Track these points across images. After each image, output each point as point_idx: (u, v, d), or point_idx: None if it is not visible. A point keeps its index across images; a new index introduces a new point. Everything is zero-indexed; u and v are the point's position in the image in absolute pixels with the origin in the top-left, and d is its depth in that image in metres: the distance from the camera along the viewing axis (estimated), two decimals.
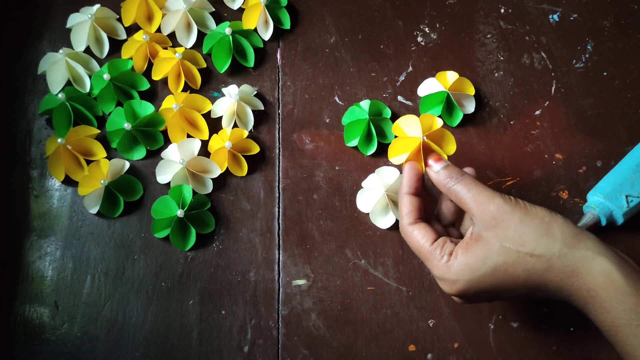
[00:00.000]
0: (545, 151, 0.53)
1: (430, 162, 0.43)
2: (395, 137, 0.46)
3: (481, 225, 0.39)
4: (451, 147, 0.46)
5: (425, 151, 0.44)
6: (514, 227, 0.38)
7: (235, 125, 0.53)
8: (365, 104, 0.52)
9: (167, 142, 0.53)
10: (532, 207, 0.39)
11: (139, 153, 0.53)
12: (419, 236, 0.41)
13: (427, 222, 0.42)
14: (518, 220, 0.38)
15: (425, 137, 0.44)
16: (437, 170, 0.42)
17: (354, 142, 0.53)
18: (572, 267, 0.37)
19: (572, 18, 0.58)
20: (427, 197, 0.45)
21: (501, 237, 0.38)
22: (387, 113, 0.53)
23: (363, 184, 0.51)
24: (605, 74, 0.56)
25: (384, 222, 0.50)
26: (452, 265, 0.39)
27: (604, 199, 0.48)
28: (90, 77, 0.54)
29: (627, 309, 0.35)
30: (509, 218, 0.38)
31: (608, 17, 0.58)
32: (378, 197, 0.49)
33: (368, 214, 0.51)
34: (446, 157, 0.44)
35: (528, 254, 0.37)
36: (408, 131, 0.46)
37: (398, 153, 0.46)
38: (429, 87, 0.54)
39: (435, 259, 0.40)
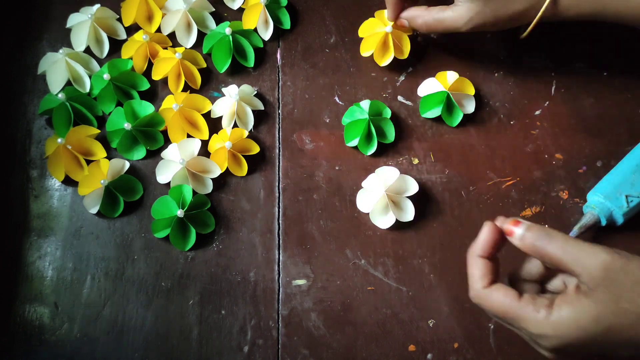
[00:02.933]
0: (545, 151, 0.53)
1: (511, 228, 0.38)
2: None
3: (590, 283, 0.35)
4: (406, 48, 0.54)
5: (386, 44, 0.53)
6: (631, 286, 0.34)
7: (235, 125, 0.53)
8: (365, 104, 0.52)
9: (167, 142, 0.53)
10: None
11: (139, 153, 0.53)
12: (501, 296, 0.36)
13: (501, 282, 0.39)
14: (634, 278, 0.34)
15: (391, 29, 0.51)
16: (520, 236, 0.37)
17: (354, 142, 0.53)
18: None
19: None
20: (497, 257, 0.40)
21: (617, 296, 0.34)
22: (387, 113, 0.53)
23: (363, 184, 0.51)
24: (605, 74, 0.56)
25: (384, 222, 0.50)
26: (555, 320, 0.35)
27: (604, 199, 0.48)
28: (90, 77, 0.54)
29: None
30: (623, 276, 0.34)
31: None
32: (378, 197, 0.49)
33: (368, 214, 0.51)
34: (408, 50, 0.53)
35: None
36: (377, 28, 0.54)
37: (368, 49, 0.55)
38: (429, 87, 0.54)
39: (530, 314, 0.35)
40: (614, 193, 0.48)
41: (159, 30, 0.57)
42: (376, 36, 0.55)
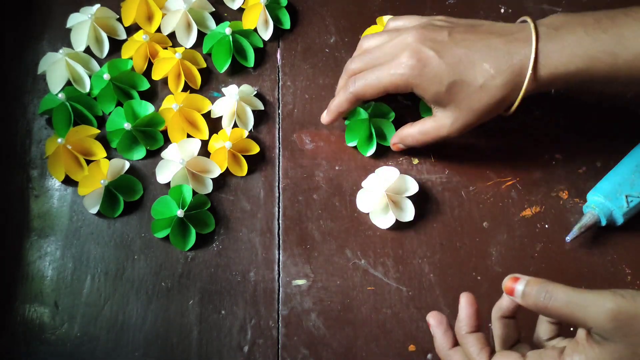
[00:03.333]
0: (545, 151, 0.53)
1: (509, 285, 0.37)
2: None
3: (603, 334, 0.33)
4: None
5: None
6: None
7: (235, 125, 0.53)
8: (367, 105, 0.52)
9: (167, 142, 0.53)
10: None
11: (139, 153, 0.53)
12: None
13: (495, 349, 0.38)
14: None
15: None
16: (520, 295, 0.36)
17: (354, 142, 0.53)
18: None
19: None
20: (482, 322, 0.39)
21: (634, 344, 0.33)
22: (392, 116, 0.53)
23: (363, 184, 0.51)
24: None
25: (384, 222, 0.50)
26: None
27: (604, 199, 0.48)
28: (90, 77, 0.54)
29: None
30: (635, 323, 0.32)
31: None
32: (378, 197, 0.49)
33: (368, 214, 0.51)
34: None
35: None
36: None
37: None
38: None
39: None
40: (614, 193, 0.48)
41: (159, 30, 0.57)
42: None
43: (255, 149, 0.53)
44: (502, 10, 0.59)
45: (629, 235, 0.50)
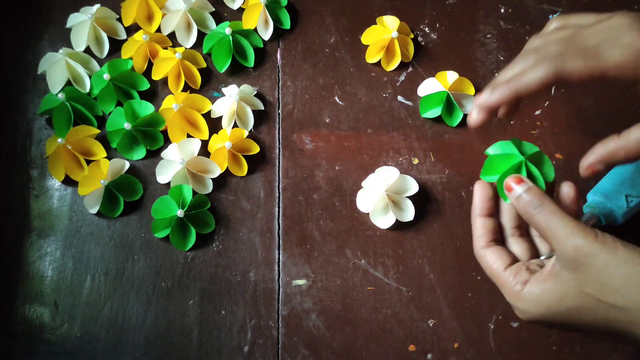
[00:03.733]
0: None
1: (511, 183, 0.38)
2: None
3: (562, 262, 0.35)
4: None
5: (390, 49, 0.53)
6: (596, 274, 0.34)
7: (235, 125, 0.53)
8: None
9: (167, 142, 0.53)
10: (626, 249, 0.34)
11: (139, 153, 0.53)
12: (491, 260, 0.39)
13: (502, 244, 0.40)
14: (602, 265, 0.34)
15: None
16: (517, 196, 0.38)
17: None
18: None
19: None
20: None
21: (581, 281, 0.34)
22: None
23: (363, 184, 0.51)
24: None
25: (384, 222, 0.50)
26: (525, 296, 0.36)
27: (603, 199, 0.48)
28: (90, 77, 0.54)
29: None
30: (590, 261, 0.34)
31: None
32: (378, 197, 0.49)
33: (368, 214, 0.51)
34: (412, 53, 0.53)
35: (609, 304, 0.33)
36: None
37: (374, 55, 0.56)
38: (429, 87, 0.54)
39: (508, 285, 0.37)
40: (614, 193, 0.48)
41: (159, 30, 0.57)
42: (381, 42, 0.55)
43: (255, 149, 0.53)
44: (502, 10, 0.59)
45: (629, 235, 0.49)
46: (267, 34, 0.57)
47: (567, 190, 0.41)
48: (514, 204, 0.38)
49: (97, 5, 0.57)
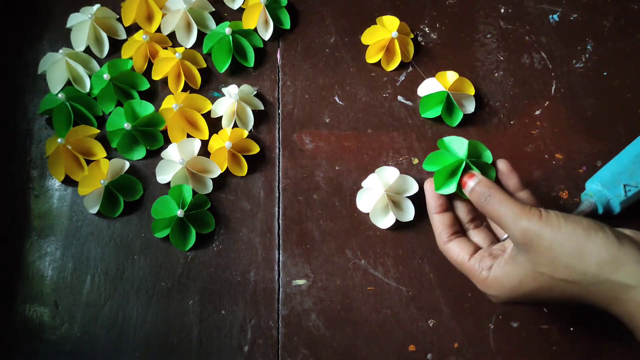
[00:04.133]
0: (545, 151, 0.53)
1: (465, 180, 0.41)
2: None
3: (515, 246, 0.37)
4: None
5: (390, 49, 0.53)
6: (545, 252, 0.35)
7: (235, 125, 0.53)
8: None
9: (167, 142, 0.53)
10: (568, 224, 0.35)
11: (139, 153, 0.53)
12: (455, 252, 0.40)
13: (464, 235, 0.42)
14: (548, 244, 0.35)
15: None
16: (469, 190, 0.40)
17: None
18: (613, 294, 0.34)
19: (572, 18, 0.58)
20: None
21: (534, 261, 0.36)
22: (488, 157, 0.44)
23: (363, 184, 0.51)
24: (605, 74, 0.56)
25: (384, 222, 0.50)
26: (490, 282, 0.38)
27: (602, 188, 0.48)
28: (90, 77, 0.54)
29: None
30: (537, 242, 0.35)
31: (608, 17, 0.58)
32: (378, 197, 0.49)
33: (368, 214, 0.51)
34: (412, 53, 0.53)
35: (562, 280, 0.35)
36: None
37: (374, 55, 0.56)
38: (429, 87, 0.54)
39: (475, 273, 0.39)
40: (613, 182, 0.48)
41: (159, 30, 0.57)
42: (381, 43, 0.55)
43: (255, 149, 0.53)
44: (502, 11, 0.59)
45: (626, 225, 0.50)
46: (267, 34, 0.57)
47: (501, 166, 0.43)
48: (470, 198, 0.40)
49: (97, 5, 0.57)
